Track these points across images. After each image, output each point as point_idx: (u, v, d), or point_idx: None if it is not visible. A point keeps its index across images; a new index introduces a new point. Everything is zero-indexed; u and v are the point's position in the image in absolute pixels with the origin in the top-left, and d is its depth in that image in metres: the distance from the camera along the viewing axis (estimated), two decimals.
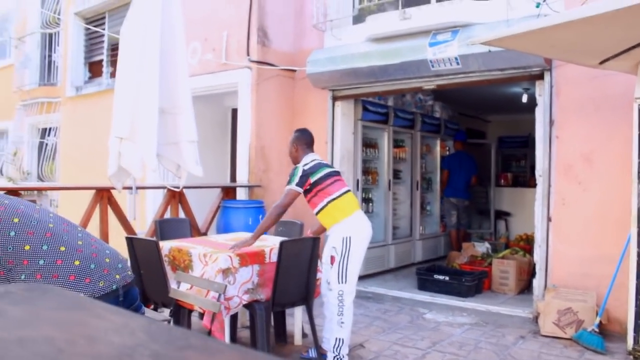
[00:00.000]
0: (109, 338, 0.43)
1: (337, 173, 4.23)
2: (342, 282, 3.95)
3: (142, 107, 3.19)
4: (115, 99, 3.42)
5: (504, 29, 4.79)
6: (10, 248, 1.93)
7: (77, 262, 1.94)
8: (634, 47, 3.68)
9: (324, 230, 4.23)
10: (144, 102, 3.20)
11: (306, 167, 4.06)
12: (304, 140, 4.30)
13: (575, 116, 5.08)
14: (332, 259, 3.97)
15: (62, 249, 1.95)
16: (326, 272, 4.07)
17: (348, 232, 3.98)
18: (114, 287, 1.98)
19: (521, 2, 5.06)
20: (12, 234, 1.92)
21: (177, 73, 3.37)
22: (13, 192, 4.52)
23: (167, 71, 3.29)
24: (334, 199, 4.03)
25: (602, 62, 3.99)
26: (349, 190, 4.16)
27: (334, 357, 4.00)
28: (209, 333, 3.39)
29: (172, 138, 3.34)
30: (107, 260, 2.03)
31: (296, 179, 4.01)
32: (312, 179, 4.02)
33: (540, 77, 5.22)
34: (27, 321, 0.46)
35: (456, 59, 5.27)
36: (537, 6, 4.52)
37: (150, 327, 0.46)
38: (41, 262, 1.92)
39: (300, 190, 4.03)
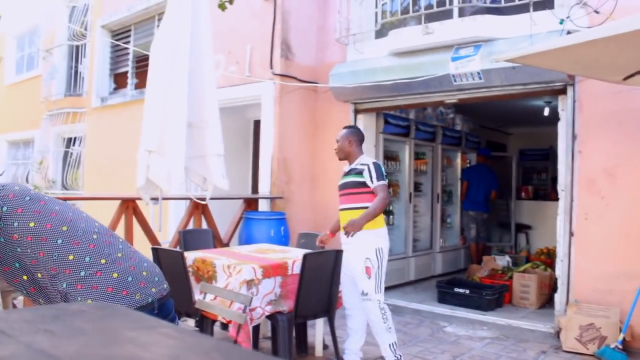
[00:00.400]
0: (188, 358, 0.48)
1: None
2: (379, 292, 4.10)
3: (171, 121, 3.28)
4: (145, 112, 3.51)
5: (527, 45, 4.82)
6: (55, 255, 2.00)
7: (115, 275, 2.01)
8: None
9: (339, 229, 4.37)
10: (172, 116, 3.28)
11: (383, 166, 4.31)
12: (359, 137, 4.41)
13: (598, 131, 5.07)
14: (368, 269, 4.06)
15: (103, 261, 2.02)
16: (361, 283, 4.11)
17: (380, 243, 4.12)
18: (150, 299, 2.04)
19: (544, 17, 5.08)
20: (59, 241, 2.00)
21: (204, 88, 3.46)
22: None
23: (196, 86, 3.38)
24: None
25: (626, 78, 4.00)
26: None
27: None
28: (235, 342, 3.45)
29: (199, 151, 3.42)
30: (145, 273, 2.10)
31: (384, 175, 4.21)
32: None
33: (563, 91, 5.23)
34: (110, 340, 0.51)
35: (478, 73, 5.30)
36: (561, 22, 4.54)
37: (220, 347, 0.51)
38: (82, 273, 2.00)
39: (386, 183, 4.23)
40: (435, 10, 5.79)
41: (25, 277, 2.07)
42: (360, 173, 4.20)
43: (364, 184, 4.16)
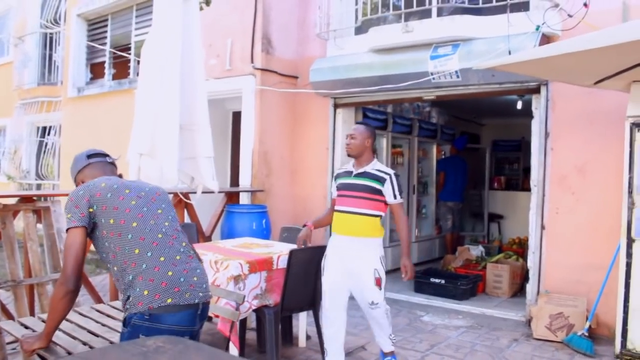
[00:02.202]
0: None
1: None
2: (384, 299, 4.04)
3: (163, 123, 3.35)
4: (136, 114, 3.57)
5: (503, 45, 5.00)
6: (126, 249, 2.23)
7: (170, 273, 2.23)
8: (627, 69, 3.89)
9: (327, 224, 4.33)
10: (164, 119, 3.35)
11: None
12: (374, 138, 4.17)
13: (570, 129, 5.30)
14: (379, 281, 3.94)
15: (162, 259, 2.24)
16: (371, 294, 3.97)
17: (382, 251, 4.03)
18: (196, 301, 2.26)
19: (521, 18, 5.24)
20: (130, 236, 2.24)
21: (195, 90, 3.53)
22: (27, 199, 4.66)
23: (187, 88, 3.46)
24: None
25: (597, 82, 4.20)
26: None
27: None
28: (227, 338, 3.59)
29: (189, 153, 3.49)
30: (195, 278, 2.31)
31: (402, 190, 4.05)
32: None
33: (537, 90, 5.42)
34: None
35: (456, 72, 5.46)
36: (537, 29, 4.72)
37: None
38: (144, 266, 2.22)
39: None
40: (414, 9, 5.92)
41: (115, 268, 2.29)
42: (378, 180, 3.95)
43: (379, 192, 3.95)
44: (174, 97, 3.37)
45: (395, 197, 3.97)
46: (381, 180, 3.95)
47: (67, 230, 2.24)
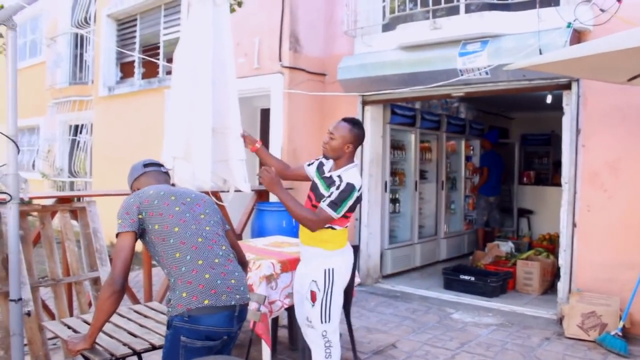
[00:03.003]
0: None
1: None
2: (325, 322, 3.31)
3: (196, 127, 3.42)
4: (169, 118, 3.65)
5: (534, 42, 4.95)
6: (169, 253, 2.36)
7: (207, 276, 2.32)
8: None
9: (275, 164, 3.63)
10: (197, 123, 3.42)
11: (359, 194, 3.31)
12: (360, 141, 3.46)
13: (602, 125, 5.23)
14: (313, 294, 3.31)
15: (200, 262, 2.34)
16: (305, 308, 3.40)
17: (332, 263, 3.32)
18: (233, 303, 2.34)
19: (551, 13, 5.18)
20: (172, 241, 2.37)
21: (227, 94, 3.58)
22: (64, 200, 4.79)
23: (218, 92, 3.51)
24: (344, 228, 3.42)
25: (630, 79, 4.14)
26: None
27: None
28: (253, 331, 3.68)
29: (221, 156, 3.54)
30: (233, 281, 2.39)
31: (346, 207, 3.22)
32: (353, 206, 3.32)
33: (568, 86, 5.36)
34: None
35: (485, 69, 5.42)
36: (569, 26, 4.66)
37: None
38: (183, 269, 2.32)
39: (338, 217, 3.25)
40: (442, 6, 5.89)
41: (164, 271, 2.42)
42: (330, 185, 3.29)
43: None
44: (207, 101, 3.43)
45: (326, 201, 3.21)
46: (331, 185, 3.28)
47: (117, 234, 2.36)
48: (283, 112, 6.87)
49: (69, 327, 2.93)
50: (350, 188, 3.21)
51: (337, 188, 3.22)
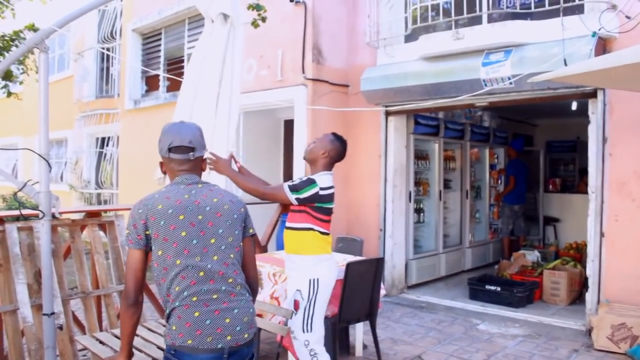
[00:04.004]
0: None
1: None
2: (307, 331, 3.42)
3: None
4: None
5: (558, 51, 4.92)
6: (167, 284, 2.21)
7: (196, 314, 2.16)
8: None
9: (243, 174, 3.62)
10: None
11: (322, 193, 3.42)
12: (340, 156, 3.62)
13: (629, 134, 5.16)
14: (296, 303, 3.42)
15: (194, 299, 2.17)
16: (290, 319, 3.49)
17: (316, 273, 3.44)
18: (219, 345, 2.15)
19: (575, 22, 5.15)
20: (173, 273, 2.19)
21: (224, 115, 3.73)
22: (93, 214, 4.89)
23: (218, 110, 3.68)
24: (323, 233, 3.51)
25: None
26: None
27: None
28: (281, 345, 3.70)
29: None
30: (227, 320, 2.19)
31: (305, 195, 3.37)
32: (315, 205, 3.44)
33: (593, 95, 5.31)
34: None
35: (509, 78, 5.40)
36: (593, 35, 4.63)
37: None
38: (177, 303, 2.18)
39: (296, 203, 3.43)
40: (465, 16, 5.89)
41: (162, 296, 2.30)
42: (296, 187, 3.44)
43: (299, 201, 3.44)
44: (202, 117, 3.56)
45: (287, 182, 3.44)
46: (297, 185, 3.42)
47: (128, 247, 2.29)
48: (306, 124, 6.92)
49: (101, 342, 2.99)
50: (310, 181, 3.40)
51: (300, 179, 3.45)
